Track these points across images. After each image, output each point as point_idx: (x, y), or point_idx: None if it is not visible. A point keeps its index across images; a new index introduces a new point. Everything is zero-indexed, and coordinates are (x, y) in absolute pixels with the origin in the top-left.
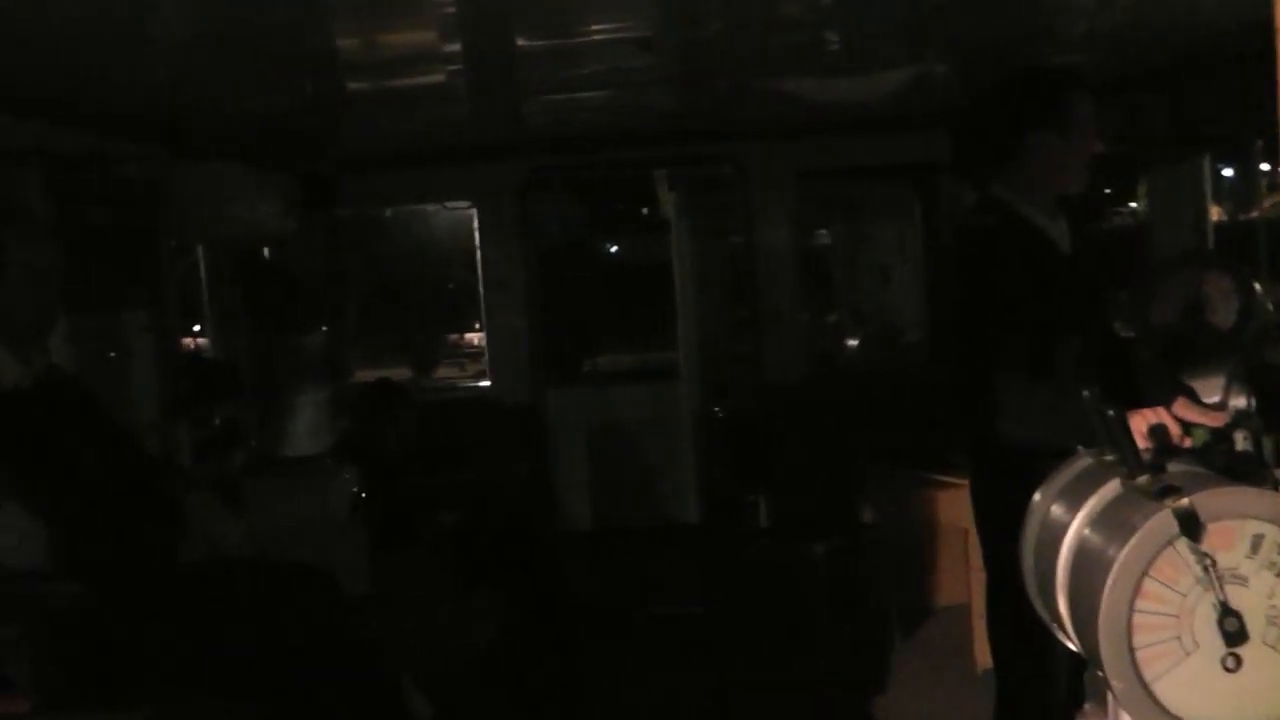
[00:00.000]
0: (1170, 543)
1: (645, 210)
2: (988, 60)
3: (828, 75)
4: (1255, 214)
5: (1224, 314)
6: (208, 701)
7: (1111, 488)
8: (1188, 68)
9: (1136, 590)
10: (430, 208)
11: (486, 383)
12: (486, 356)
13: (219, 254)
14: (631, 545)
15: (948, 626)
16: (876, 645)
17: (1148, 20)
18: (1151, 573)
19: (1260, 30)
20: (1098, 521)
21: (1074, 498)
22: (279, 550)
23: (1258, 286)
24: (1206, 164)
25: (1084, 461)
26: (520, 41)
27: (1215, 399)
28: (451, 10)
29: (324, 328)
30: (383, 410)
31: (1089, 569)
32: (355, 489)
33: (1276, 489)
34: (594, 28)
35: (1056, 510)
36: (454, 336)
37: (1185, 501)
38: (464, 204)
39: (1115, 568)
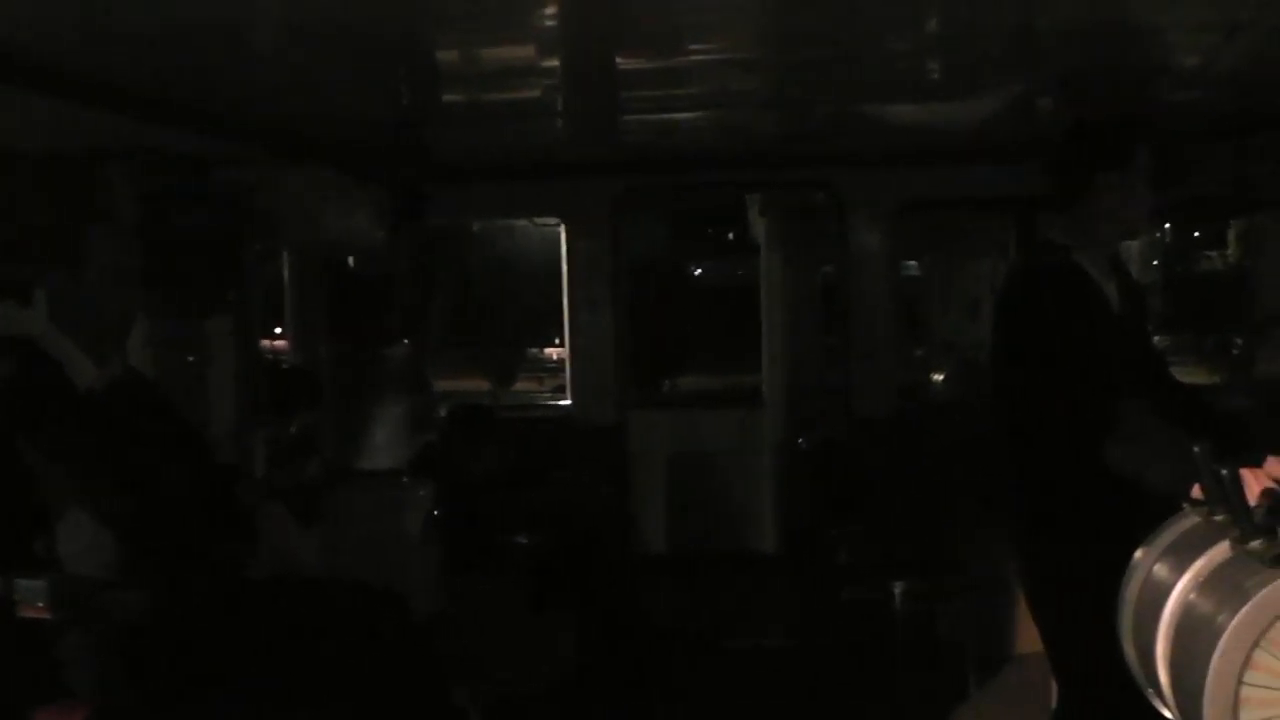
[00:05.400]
0: None
1: (735, 234)
2: (1094, 94)
3: (929, 102)
4: None
5: None
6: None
7: (1221, 550)
8: None
9: (1246, 661)
10: (517, 223)
11: (565, 400)
12: (569, 376)
13: (305, 261)
14: (708, 574)
15: (1026, 674)
16: (952, 691)
17: (1266, 61)
18: (1263, 644)
19: None
20: (1206, 585)
21: (1180, 558)
22: (350, 565)
23: None
24: None
25: (1190, 520)
26: (619, 60)
27: None
28: (552, 26)
29: (405, 340)
30: (471, 434)
31: (1195, 636)
32: (430, 507)
33: None
34: (694, 48)
35: (1160, 570)
36: (534, 351)
37: None
38: (553, 220)
39: (1225, 636)
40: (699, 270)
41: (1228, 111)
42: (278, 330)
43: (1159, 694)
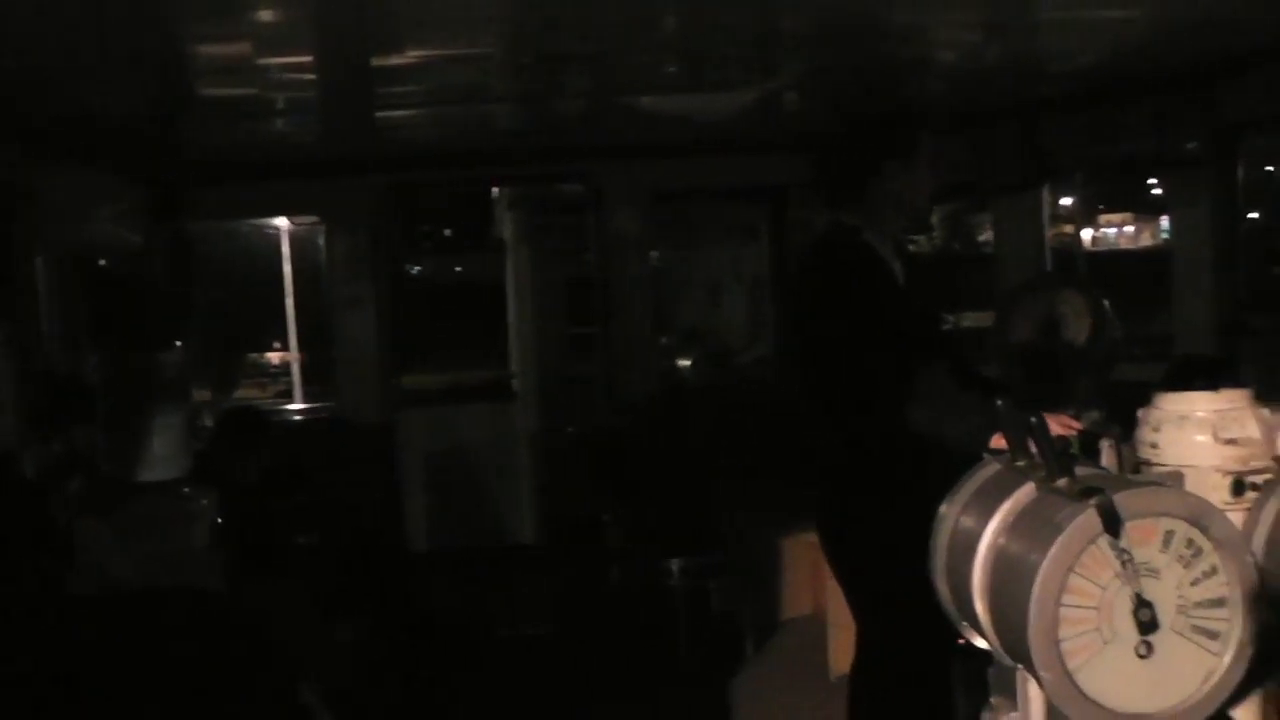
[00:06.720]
0: (1094, 540)
1: (487, 229)
2: (843, 87)
3: (682, 95)
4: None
5: (1077, 331)
6: None
7: (1026, 492)
8: (1038, 102)
9: (1063, 586)
10: (235, 225)
11: (291, 405)
12: (297, 376)
13: (62, 264)
14: (483, 567)
15: (798, 636)
16: (731, 659)
17: (1001, 57)
18: (1077, 568)
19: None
20: (1016, 524)
21: (986, 503)
22: (143, 578)
23: (1107, 305)
24: (1046, 194)
25: (992, 468)
26: (373, 57)
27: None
28: (304, 22)
29: (179, 343)
30: (243, 439)
31: (1012, 568)
32: (214, 515)
33: None
34: (445, 44)
35: (968, 516)
36: (254, 356)
37: (1109, 501)
38: (311, 219)
39: (1044, 565)
40: (450, 266)
41: (971, 104)
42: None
43: (974, 626)
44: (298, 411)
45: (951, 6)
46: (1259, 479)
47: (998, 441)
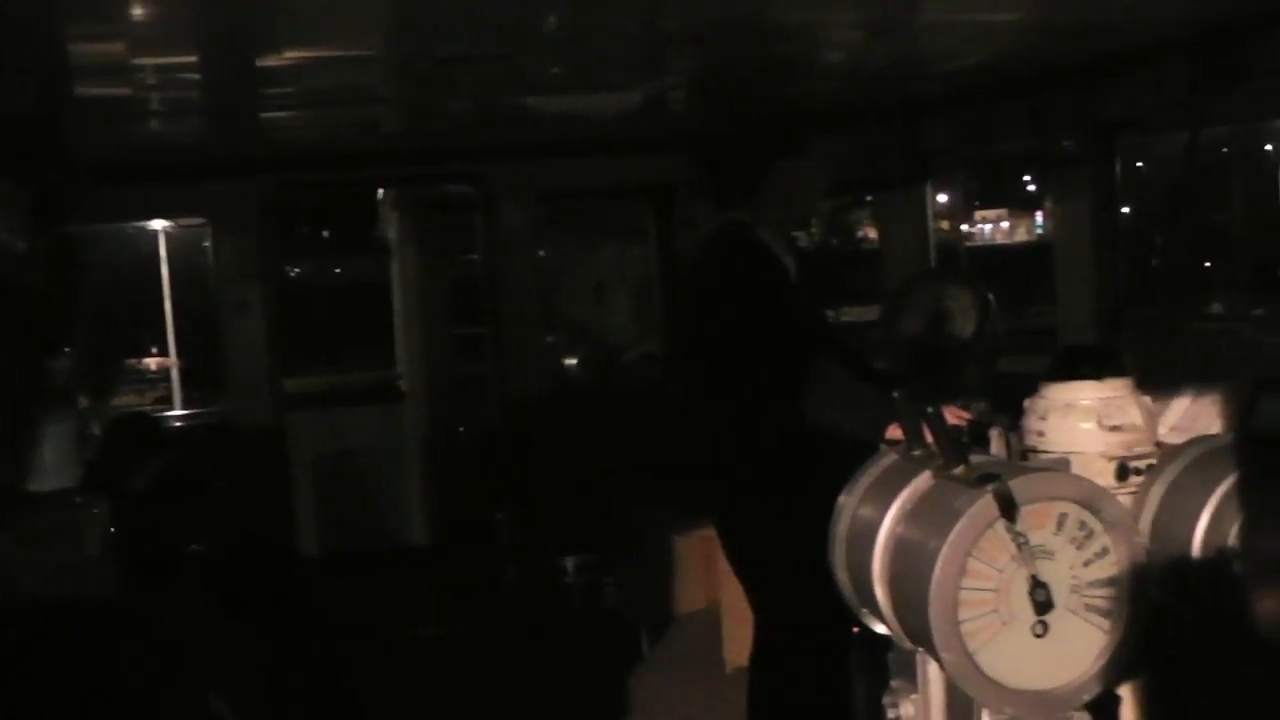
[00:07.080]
0: (991, 524)
1: (373, 230)
2: (728, 87)
3: (568, 96)
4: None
5: (964, 325)
6: None
7: (923, 480)
8: (921, 101)
9: (962, 569)
10: (112, 228)
11: (172, 410)
12: (176, 381)
13: None
14: (377, 569)
15: (692, 631)
16: (627, 655)
17: (885, 57)
18: (975, 553)
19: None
20: (915, 512)
21: (884, 492)
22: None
23: (991, 299)
24: (929, 190)
25: (889, 459)
26: (257, 58)
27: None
28: (186, 22)
29: (67, 349)
30: (136, 445)
31: (912, 553)
32: (106, 525)
33: None
34: (329, 45)
35: (867, 504)
36: (131, 361)
37: (1005, 486)
38: (193, 221)
39: (944, 549)
40: (334, 268)
41: (856, 102)
42: None
43: (874, 612)
44: (179, 417)
45: (836, 7)
46: (1142, 464)
47: (894, 432)
